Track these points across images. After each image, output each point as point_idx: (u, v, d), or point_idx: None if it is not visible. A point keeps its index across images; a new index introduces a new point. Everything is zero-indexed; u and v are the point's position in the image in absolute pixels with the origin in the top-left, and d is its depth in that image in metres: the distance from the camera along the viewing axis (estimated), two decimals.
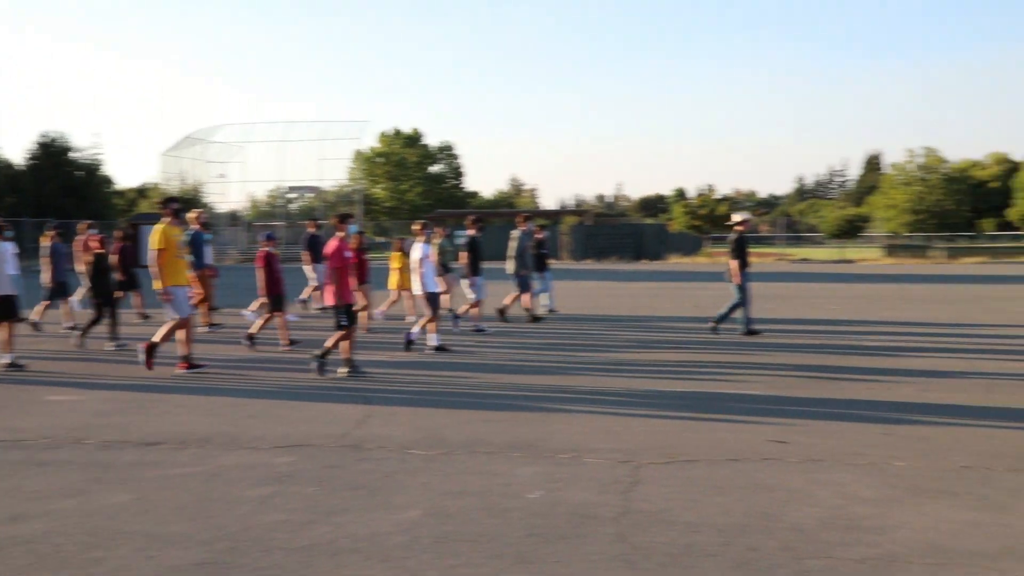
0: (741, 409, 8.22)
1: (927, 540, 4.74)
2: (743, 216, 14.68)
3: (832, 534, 4.83)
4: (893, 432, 7.25)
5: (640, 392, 9.14)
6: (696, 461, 6.36)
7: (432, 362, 11.32)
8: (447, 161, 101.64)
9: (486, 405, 8.41)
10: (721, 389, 9.28)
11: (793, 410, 8.16)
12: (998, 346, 12.62)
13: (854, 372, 10.34)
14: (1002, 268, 40.93)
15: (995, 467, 6.17)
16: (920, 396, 8.90)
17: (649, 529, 4.90)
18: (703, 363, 11.09)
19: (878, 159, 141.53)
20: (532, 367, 10.84)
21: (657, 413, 8.06)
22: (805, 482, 5.82)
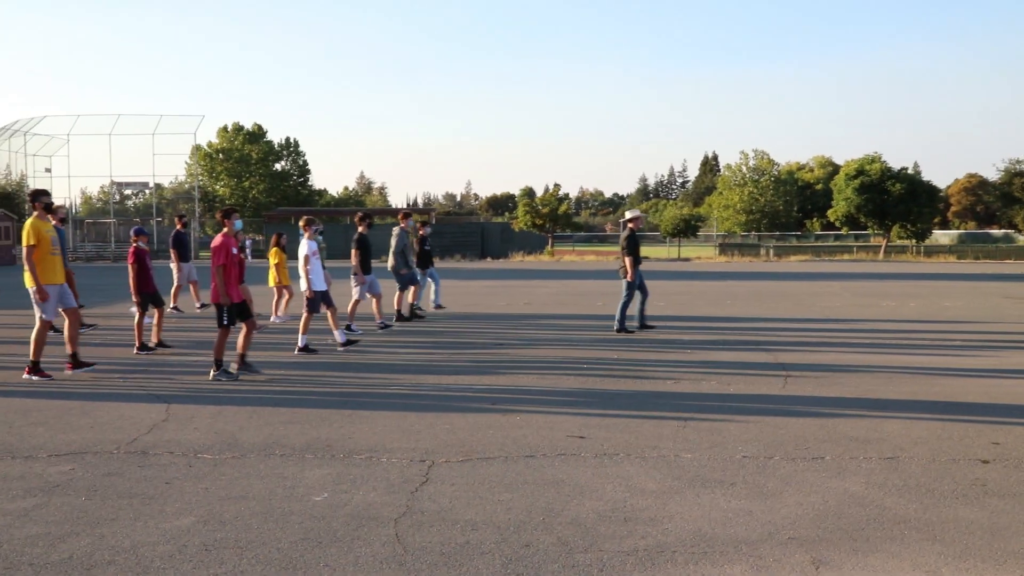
0: (549, 403, 8.32)
1: (695, 529, 4.89)
2: (635, 213, 14.53)
3: (609, 527, 4.92)
4: (689, 425, 7.48)
5: (449, 387, 9.12)
6: (492, 459, 6.37)
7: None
8: (291, 158, 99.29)
9: (303, 403, 8.19)
10: (531, 384, 9.37)
11: (599, 404, 8.31)
12: (802, 339, 13.30)
13: (662, 366, 10.65)
14: (822, 266, 43.43)
15: (774, 455, 6.46)
16: (722, 389, 9.24)
17: (428, 529, 4.85)
18: (522, 359, 11.18)
19: (715, 160, 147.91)
20: (388, 366, 10.66)
21: (461, 410, 8.05)
22: (594, 476, 5.91)
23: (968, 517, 5.10)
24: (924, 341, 13.19)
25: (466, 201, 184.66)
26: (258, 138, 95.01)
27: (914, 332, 14.38)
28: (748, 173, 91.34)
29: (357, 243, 14.16)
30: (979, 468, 6.13)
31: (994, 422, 7.57)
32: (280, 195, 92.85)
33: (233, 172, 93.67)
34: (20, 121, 59.71)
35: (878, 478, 5.88)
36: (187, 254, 17.54)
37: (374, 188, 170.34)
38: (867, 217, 53.56)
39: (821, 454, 6.51)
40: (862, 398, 8.71)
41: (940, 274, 34.30)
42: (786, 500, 5.42)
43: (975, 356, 11.62)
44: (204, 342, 12.46)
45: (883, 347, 12.46)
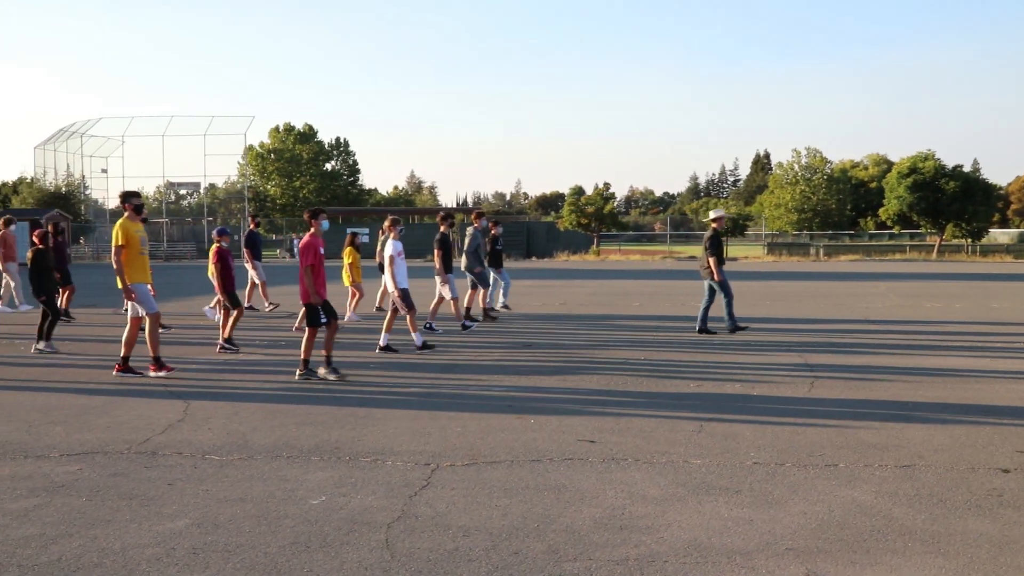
0: (567, 406, 8.27)
1: (691, 539, 4.79)
2: (718, 213, 14.20)
3: (603, 535, 4.84)
4: (704, 429, 7.36)
5: (468, 387, 9.08)
6: (498, 463, 6.32)
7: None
8: (341, 158, 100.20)
9: (324, 402, 8.23)
10: (553, 384, 9.31)
11: (617, 407, 8.22)
12: (836, 340, 13.03)
13: (689, 368, 10.51)
14: (871, 266, 42.64)
15: (786, 462, 6.32)
16: (746, 391, 9.09)
17: (419, 535, 4.82)
18: (547, 360, 11.12)
19: (767, 159, 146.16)
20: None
21: (477, 409, 8.02)
22: (597, 482, 5.84)
23: (978, 529, 4.93)
24: (963, 343, 12.85)
25: (516, 200, 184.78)
26: (309, 138, 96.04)
27: (954, 334, 14.02)
28: (800, 171, 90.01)
29: (439, 243, 14.05)
30: (998, 478, 5.93)
31: (1007, 422, 7.33)
32: (330, 195, 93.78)
33: (284, 172, 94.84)
34: (77, 123, 61.22)
35: (890, 487, 5.72)
36: (259, 253, 17.69)
37: (424, 187, 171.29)
38: (920, 216, 52.44)
39: (835, 461, 6.35)
40: (888, 402, 8.50)
41: (993, 274, 33.45)
42: (790, 509, 5.29)
43: (1014, 359, 11.28)
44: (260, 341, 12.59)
45: (919, 349, 12.16)
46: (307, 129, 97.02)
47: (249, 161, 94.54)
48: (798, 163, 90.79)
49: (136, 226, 9.99)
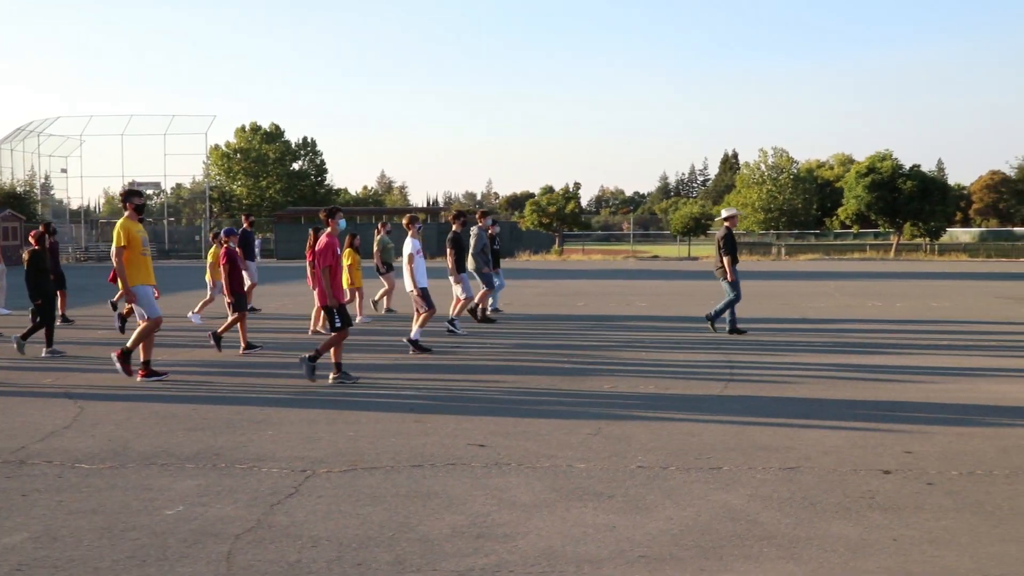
0: (471, 408, 8.17)
1: (545, 547, 4.68)
2: (731, 211, 13.98)
3: (457, 544, 4.72)
4: (602, 432, 7.26)
5: (390, 387, 8.95)
6: (377, 468, 6.19)
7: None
8: (309, 157, 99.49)
9: (227, 403, 8.04)
10: (468, 384, 9.19)
11: (520, 409, 8.10)
12: (766, 339, 13.00)
13: (608, 367, 10.42)
14: (828, 265, 42.93)
15: (672, 465, 6.23)
16: (661, 390, 9.04)
17: (265, 546, 4.67)
18: (462, 363, 11.00)
19: (735, 159, 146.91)
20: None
21: (380, 408, 7.89)
22: (471, 488, 5.72)
23: (839, 533, 4.87)
24: (891, 341, 12.88)
25: (487, 200, 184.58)
26: (275, 138, 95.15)
27: (885, 332, 14.06)
28: (767, 171, 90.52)
29: (451, 242, 13.80)
30: (877, 480, 5.88)
31: (919, 429, 7.30)
32: (297, 194, 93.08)
33: (250, 172, 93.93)
34: (34, 122, 60.25)
35: (767, 490, 5.65)
36: (252, 253, 17.36)
37: (394, 187, 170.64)
38: (878, 215, 52.86)
39: (721, 464, 6.27)
40: (798, 401, 8.47)
41: (945, 273, 33.74)
42: (657, 514, 5.20)
43: (935, 356, 11.30)
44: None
45: (844, 348, 12.17)
46: (273, 129, 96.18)
47: (214, 161, 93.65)
48: (764, 163, 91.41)
49: (137, 226, 9.69)
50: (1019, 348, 12.23)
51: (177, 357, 11.61)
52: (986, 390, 9.07)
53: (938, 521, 5.06)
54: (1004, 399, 8.60)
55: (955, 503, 5.38)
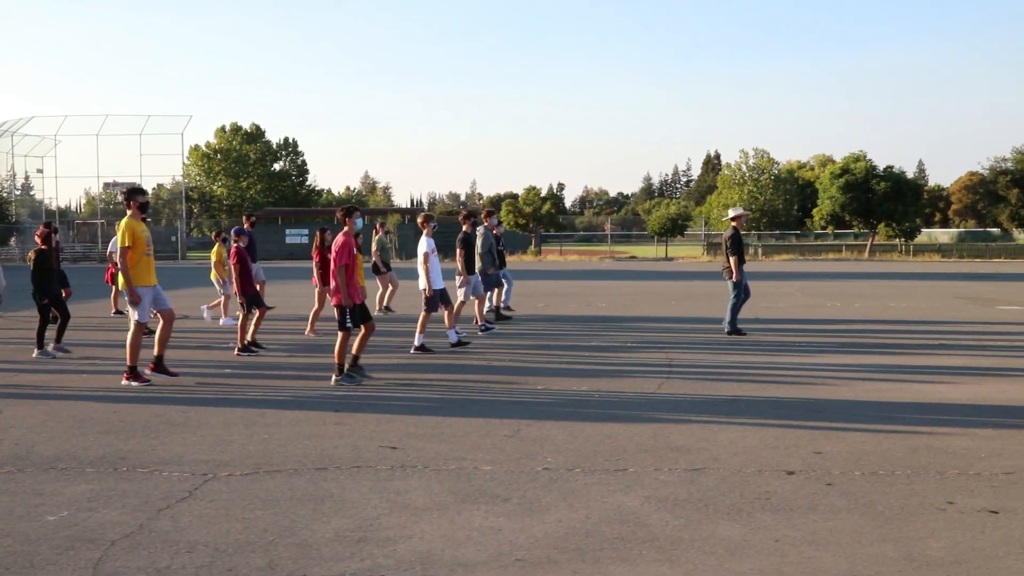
0: (400, 407, 8.16)
1: (425, 551, 4.64)
2: (737, 211, 13.93)
3: (336, 548, 4.67)
4: (520, 432, 7.23)
5: (319, 388, 8.88)
6: (280, 471, 6.13)
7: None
8: (290, 158, 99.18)
9: (149, 404, 7.96)
10: (404, 382, 9.14)
11: (447, 410, 8.05)
12: (715, 340, 13.00)
13: (545, 368, 10.38)
14: (801, 265, 43.08)
15: (578, 467, 6.20)
16: (592, 389, 9.02)
17: (138, 553, 4.61)
18: (405, 361, 10.94)
19: (718, 159, 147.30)
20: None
21: (302, 412, 7.82)
22: (369, 491, 5.66)
23: (724, 534, 4.84)
24: (835, 341, 12.91)
25: (471, 201, 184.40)
26: (256, 138, 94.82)
27: (833, 332, 14.10)
28: (748, 172, 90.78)
29: (461, 242, 13.70)
30: (778, 480, 5.86)
31: (837, 428, 7.29)
32: (278, 195, 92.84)
33: (230, 172, 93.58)
34: (8, 122, 59.78)
35: (665, 492, 5.62)
36: (255, 253, 17.11)
37: (378, 188, 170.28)
38: (852, 216, 53.10)
39: (628, 465, 6.25)
40: (725, 401, 8.46)
41: (913, 273, 33.88)
42: (547, 517, 5.16)
43: (875, 356, 11.33)
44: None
45: (786, 348, 12.18)
46: (254, 129, 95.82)
47: (194, 161, 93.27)
48: (746, 164, 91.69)
49: (141, 225, 9.52)
50: (958, 348, 12.27)
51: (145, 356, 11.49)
52: (914, 390, 9.09)
53: (826, 522, 5.04)
54: (928, 398, 8.63)
55: (848, 504, 5.36)
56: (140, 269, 9.44)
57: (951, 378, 9.78)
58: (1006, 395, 8.80)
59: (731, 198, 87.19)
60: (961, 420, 7.62)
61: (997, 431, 7.21)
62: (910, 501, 5.40)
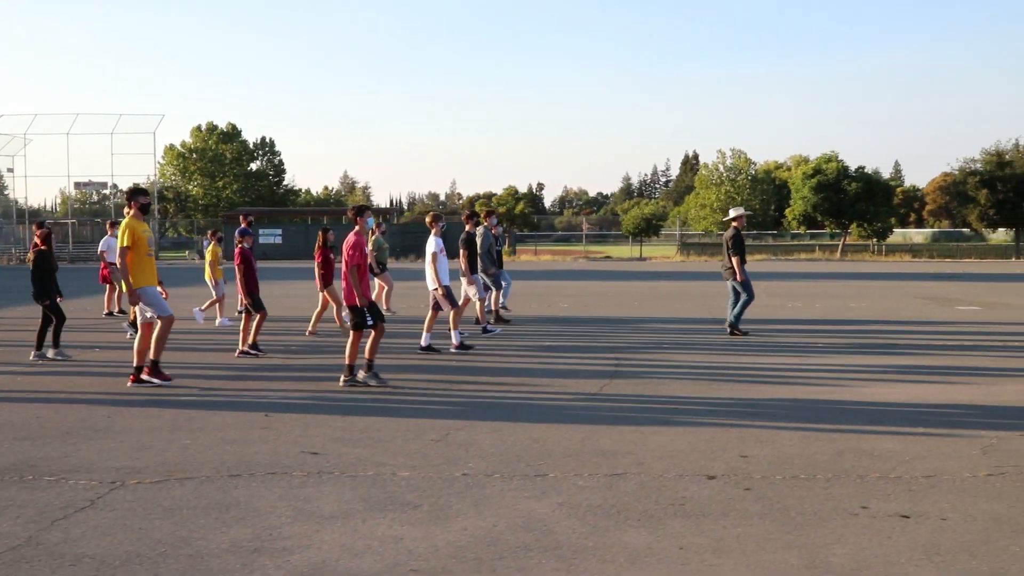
0: (332, 406, 8.09)
1: (319, 561, 4.51)
2: (738, 211, 13.84)
3: (228, 560, 4.53)
4: (448, 437, 7.11)
5: (258, 391, 8.73)
6: (192, 479, 5.98)
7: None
8: (267, 157, 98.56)
9: (76, 407, 7.78)
10: (333, 394, 9.01)
11: (380, 411, 7.92)
12: (665, 340, 12.93)
13: (492, 370, 10.27)
14: (772, 265, 43.21)
15: (498, 472, 6.08)
16: (534, 391, 8.93)
17: (20, 566, 4.45)
18: None
19: (696, 159, 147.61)
20: None
21: (230, 414, 7.67)
22: (278, 499, 5.53)
23: (629, 542, 4.74)
24: (788, 342, 12.87)
25: (451, 201, 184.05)
26: (232, 138, 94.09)
27: (789, 332, 14.07)
28: (725, 172, 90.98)
29: (465, 243, 13.53)
30: (697, 485, 5.77)
31: (770, 429, 7.23)
32: (255, 195, 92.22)
33: (206, 172, 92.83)
34: None
35: (580, 498, 5.52)
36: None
37: (357, 188, 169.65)
38: (823, 216, 53.32)
39: (549, 471, 6.14)
40: (663, 402, 8.37)
41: (882, 273, 34.00)
42: (454, 525, 5.04)
43: (827, 356, 11.31)
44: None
45: (739, 348, 12.12)
46: (230, 128, 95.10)
47: (170, 161, 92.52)
48: (723, 164, 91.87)
49: (143, 226, 9.38)
50: (907, 348, 12.26)
51: (104, 357, 11.29)
52: (855, 391, 9.04)
53: (736, 528, 4.96)
54: (867, 398, 8.60)
55: (762, 509, 5.28)
56: (141, 270, 9.31)
57: (895, 378, 9.75)
58: (946, 395, 8.78)
59: (708, 198, 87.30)
60: (895, 421, 7.58)
61: (928, 433, 7.16)
62: (824, 506, 5.32)
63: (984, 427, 7.33)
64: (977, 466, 6.17)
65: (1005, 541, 4.72)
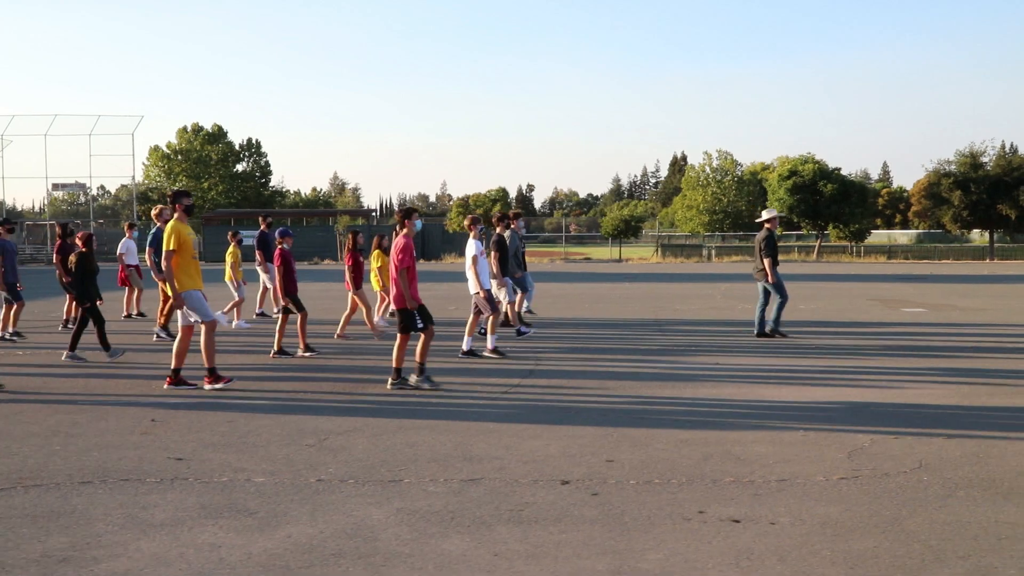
0: (230, 408, 7.96)
1: (124, 570, 4.43)
2: (771, 213, 13.69)
3: (31, 570, 4.44)
4: (324, 443, 7.04)
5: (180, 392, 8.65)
6: (40, 486, 5.88)
7: None
8: (253, 159, 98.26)
9: None
10: (258, 388, 8.93)
11: (272, 410, 7.85)
12: (594, 345, 12.89)
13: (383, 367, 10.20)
14: (744, 267, 43.17)
15: (353, 478, 6.01)
16: (437, 395, 8.86)
17: None
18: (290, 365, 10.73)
19: (684, 160, 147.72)
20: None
21: (124, 413, 7.59)
22: (116, 507, 5.44)
23: (447, 549, 4.69)
24: (720, 342, 12.85)
25: (441, 202, 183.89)
26: (218, 139, 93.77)
27: (723, 334, 14.04)
28: (711, 174, 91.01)
29: (496, 245, 13.42)
30: (546, 491, 5.71)
31: (652, 431, 7.18)
32: (240, 196, 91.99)
33: (191, 173, 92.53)
34: None
35: (421, 504, 5.45)
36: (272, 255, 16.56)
37: (347, 189, 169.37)
38: (800, 218, 53.40)
39: (406, 476, 6.08)
40: (558, 407, 8.33)
41: (846, 275, 33.92)
42: (279, 533, 4.98)
43: (752, 357, 11.27)
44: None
45: (669, 349, 12.08)
46: (216, 130, 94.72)
47: (155, 162, 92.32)
48: (709, 165, 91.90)
49: (188, 228, 9.28)
50: (832, 350, 12.23)
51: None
52: (756, 392, 9.02)
53: (562, 534, 4.91)
54: (763, 398, 8.58)
55: (600, 514, 5.23)
56: (187, 273, 9.22)
57: (805, 379, 9.72)
58: (841, 396, 8.78)
59: (695, 199, 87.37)
60: (778, 425, 7.53)
61: (805, 436, 7.12)
62: (662, 511, 5.27)
63: (864, 430, 7.29)
64: (836, 469, 6.13)
65: (822, 545, 4.69)
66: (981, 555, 4.54)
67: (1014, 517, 5.13)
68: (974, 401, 8.55)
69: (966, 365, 10.77)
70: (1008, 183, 47.59)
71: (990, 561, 4.46)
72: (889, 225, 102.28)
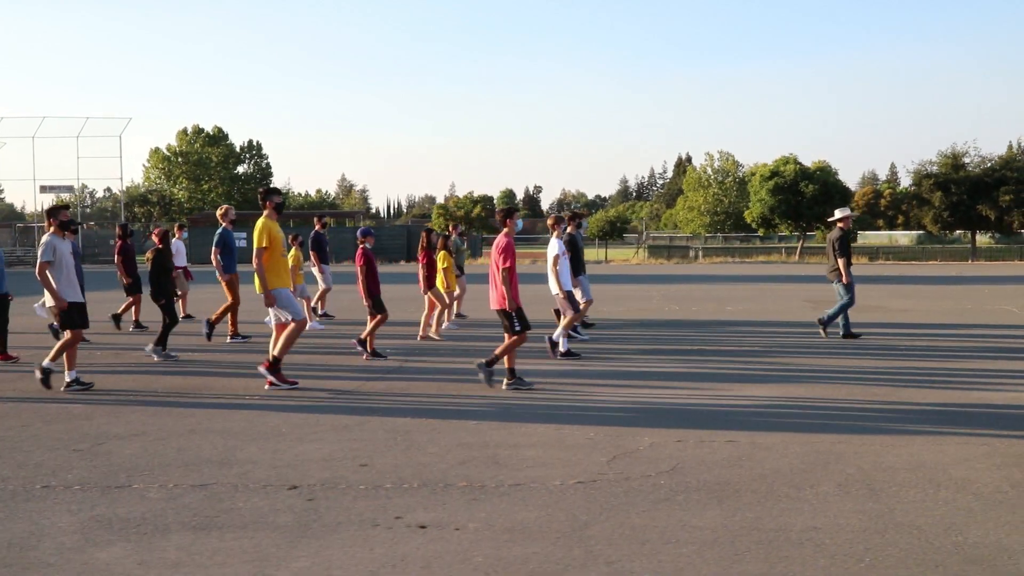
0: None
1: None
2: (844, 212, 13.39)
3: None
4: (100, 446, 6.88)
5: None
6: None
7: None
8: (254, 160, 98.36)
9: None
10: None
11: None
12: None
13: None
14: (725, 268, 42.83)
15: (95, 484, 5.81)
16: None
17: None
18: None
19: (689, 161, 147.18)
20: None
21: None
22: (65, 512, 5.23)
23: (99, 558, 4.50)
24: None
25: (449, 203, 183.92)
26: (219, 141, 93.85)
27: (633, 338, 13.82)
28: (713, 175, 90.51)
29: (569, 244, 13.21)
30: (262, 496, 5.49)
31: (436, 432, 6.99)
32: (241, 198, 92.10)
33: (191, 175, 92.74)
34: None
35: (125, 510, 5.24)
36: (327, 256, 16.30)
37: (355, 190, 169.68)
38: (781, 218, 52.93)
39: (138, 481, 5.85)
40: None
41: (807, 276, 33.18)
42: (169, 542, 4.73)
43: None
44: None
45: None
46: (216, 131, 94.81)
47: (154, 164, 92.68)
48: (711, 167, 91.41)
49: (277, 226, 9.26)
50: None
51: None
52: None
53: (232, 541, 4.72)
54: (585, 400, 8.37)
55: (290, 521, 5.03)
56: (276, 271, 9.20)
57: (641, 382, 9.48)
58: (672, 399, 8.52)
59: (696, 201, 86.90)
60: (566, 428, 7.29)
61: (591, 439, 6.89)
62: (359, 517, 5.06)
63: (665, 431, 7.06)
64: (584, 472, 5.92)
65: (483, 551, 4.49)
66: (629, 560, 4.34)
67: (709, 521, 4.90)
68: (784, 400, 8.29)
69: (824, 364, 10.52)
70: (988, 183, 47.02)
71: (631, 566, 4.25)
72: (892, 226, 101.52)
